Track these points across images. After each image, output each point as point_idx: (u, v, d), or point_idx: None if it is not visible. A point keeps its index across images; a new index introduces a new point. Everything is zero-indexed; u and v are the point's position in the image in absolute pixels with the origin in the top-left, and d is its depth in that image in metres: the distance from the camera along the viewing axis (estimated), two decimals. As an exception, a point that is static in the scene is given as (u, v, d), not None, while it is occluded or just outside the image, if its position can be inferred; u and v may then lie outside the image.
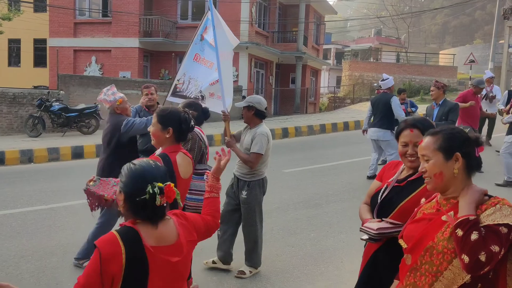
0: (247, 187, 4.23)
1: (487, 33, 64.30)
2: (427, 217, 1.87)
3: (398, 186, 2.36)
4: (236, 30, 19.19)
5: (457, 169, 1.78)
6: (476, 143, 1.82)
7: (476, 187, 1.79)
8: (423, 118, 2.53)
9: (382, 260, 2.35)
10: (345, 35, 57.23)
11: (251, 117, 4.15)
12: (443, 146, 1.80)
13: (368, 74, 28.35)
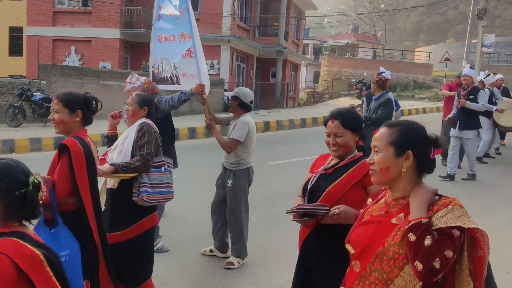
0: (233, 176, 4.32)
1: (460, 32, 65.84)
2: (376, 219, 1.76)
3: (325, 174, 2.44)
4: (218, 23, 19.27)
5: (406, 168, 1.68)
6: (433, 144, 1.72)
7: (427, 186, 1.70)
8: (348, 110, 2.56)
9: (310, 245, 2.42)
10: (322, 31, 57.72)
11: (235, 107, 4.31)
12: (396, 141, 1.70)
13: (346, 70, 28.78)
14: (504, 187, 7.68)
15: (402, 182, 1.72)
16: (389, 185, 1.76)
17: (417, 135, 1.72)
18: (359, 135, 2.49)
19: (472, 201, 6.77)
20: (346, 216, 2.21)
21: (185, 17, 4.51)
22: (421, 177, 1.73)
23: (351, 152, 2.46)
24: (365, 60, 31.00)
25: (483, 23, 23.33)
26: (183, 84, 4.70)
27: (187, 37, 4.54)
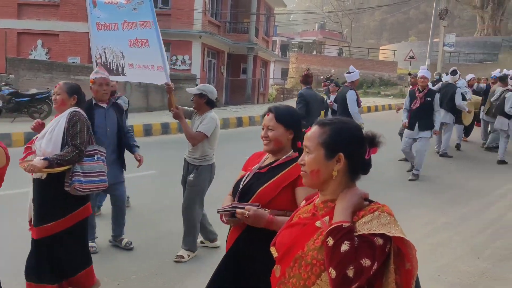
0: (196, 170, 4.31)
1: (421, 31, 67.76)
2: (302, 222, 1.65)
3: (259, 173, 2.34)
4: (190, 19, 19.22)
5: (337, 171, 1.56)
6: (369, 143, 1.59)
7: (357, 190, 1.58)
8: (287, 106, 2.47)
9: (241, 247, 2.29)
10: (289, 28, 58.19)
11: (202, 105, 4.28)
12: (327, 142, 1.58)
13: (314, 67, 29.17)
14: (467, 178, 8.13)
15: (332, 185, 1.60)
16: (320, 188, 1.64)
17: (349, 136, 1.59)
18: (294, 133, 2.35)
19: (440, 194, 7.19)
20: (256, 220, 2.11)
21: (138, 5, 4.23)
22: (354, 179, 1.61)
23: (285, 150, 2.36)
24: (332, 58, 31.59)
25: (444, 23, 24.23)
26: (129, 75, 4.56)
27: (134, 26, 4.32)
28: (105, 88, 4.29)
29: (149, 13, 4.16)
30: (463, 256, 4.75)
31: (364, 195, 1.57)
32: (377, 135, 1.60)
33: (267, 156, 2.43)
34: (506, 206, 6.62)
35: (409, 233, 4.63)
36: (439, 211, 6.27)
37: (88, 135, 3.42)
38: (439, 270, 4.37)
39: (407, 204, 6.50)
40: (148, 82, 4.56)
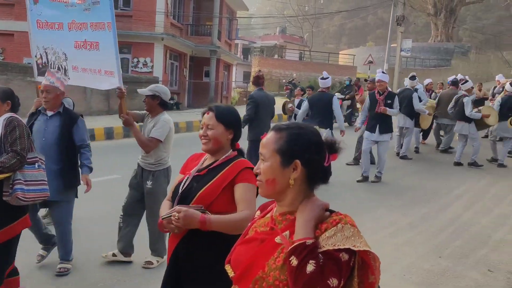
0: (152, 176, 4.14)
1: (379, 36, 69.73)
2: (259, 237, 1.52)
3: (198, 175, 2.28)
4: (152, 21, 18.98)
5: (293, 179, 1.46)
6: (329, 150, 1.49)
7: (318, 200, 1.48)
8: (228, 106, 2.44)
9: (181, 255, 2.22)
10: (250, 32, 58.48)
11: (155, 106, 4.10)
12: (283, 149, 1.47)
13: (276, 71, 29.52)
14: (426, 180, 8.44)
15: (290, 195, 1.49)
16: (277, 198, 1.53)
17: (307, 142, 1.47)
18: (233, 133, 2.31)
19: (402, 195, 7.43)
20: (188, 221, 2.05)
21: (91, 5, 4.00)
22: (313, 188, 1.51)
23: (224, 150, 2.32)
24: (294, 62, 31.98)
25: (401, 29, 25.04)
26: (72, 78, 4.24)
27: (84, 27, 4.07)
28: (44, 96, 3.91)
29: (107, 14, 3.93)
30: (426, 255, 4.93)
31: (325, 205, 1.47)
32: (336, 141, 1.52)
33: (206, 157, 2.37)
34: (463, 206, 6.91)
35: (374, 234, 4.79)
36: (401, 212, 6.48)
37: (28, 141, 3.24)
38: (404, 270, 4.51)
39: (370, 206, 6.69)
40: (92, 87, 4.27)
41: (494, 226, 6.07)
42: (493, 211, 6.74)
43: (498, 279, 4.43)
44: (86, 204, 5.90)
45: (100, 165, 7.91)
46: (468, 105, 9.34)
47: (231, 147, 2.35)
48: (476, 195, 7.59)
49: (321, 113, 7.67)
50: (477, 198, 7.40)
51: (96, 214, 5.65)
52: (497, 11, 64.01)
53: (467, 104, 9.36)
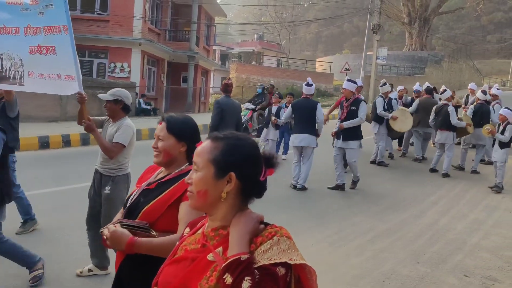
0: (112, 182, 3.99)
1: (354, 44, 70.88)
2: (190, 255, 1.42)
3: (147, 190, 2.14)
4: (129, 26, 18.81)
5: (226, 192, 1.38)
6: (266, 164, 1.43)
7: (252, 213, 1.41)
8: (183, 116, 2.26)
9: (125, 272, 2.09)
10: (227, 38, 58.61)
11: (117, 111, 3.98)
12: (218, 159, 1.39)
13: (254, 77, 29.59)
14: (404, 186, 8.59)
15: (222, 208, 1.40)
16: (207, 211, 1.45)
17: (244, 154, 1.40)
18: (187, 145, 2.14)
19: (380, 201, 7.53)
20: (115, 242, 1.92)
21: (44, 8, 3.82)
22: (247, 203, 1.44)
23: (177, 164, 2.16)
24: (272, 68, 32.13)
25: (377, 37, 25.47)
26: (28, 84, 4.06)
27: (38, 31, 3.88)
28: None
29: (62, 17, 3.74)
30: (404, 261, 5.01)
31: (260, 218, 1.40)
32: (274, 155, 1.45)
33: (161, 170, 2.23)
34: (439, 212, 7.05)
35: (352, 240, 4.86)
36: (379, 218, 6.56)
37: None
38: (384, 276, 4.57)
39: (349, 212, 6.76)
40: (51, 92, 4.08)
41: (469, 231, 6.21)
42: (468, 217, 6.90)
43: (474, 284, 4.53)
44: (63, 212, 5.81)
45: (78, 171, 7.85)
46: (454, 114, 9.42)
47: (187, 160, 2.16)
48: (452, 201, 7.76)
49: (304, 119, 7.75)
50: (452, 204, 7.56)
51: (72, 222, 5.53)
52: (468, 21, 65.93)
53: (452, 113, 9.40)
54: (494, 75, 53.55)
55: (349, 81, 8.06)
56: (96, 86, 16.11)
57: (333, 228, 5.98)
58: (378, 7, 24.42)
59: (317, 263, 4.79)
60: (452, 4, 50.36)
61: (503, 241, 5.92)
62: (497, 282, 4.61)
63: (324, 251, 5.16)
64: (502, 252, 5.48)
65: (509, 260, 5.25)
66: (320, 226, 6.00)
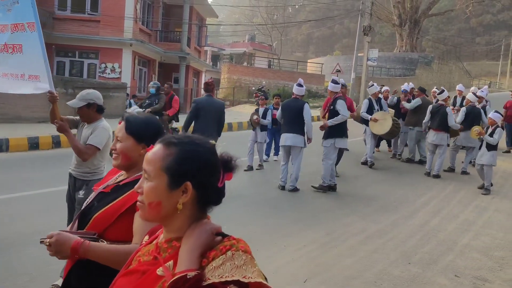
0: (86, 186, 3.82)
1: (345, 45, 71.24)
2: (142, 268, 1.31)
3: (103, 193, 1.96)
4: (120, 26, 18.74)
5: (182, 204, 1.25)
6: (224, 168, 1.30)
7: (207, 224, 1.27)
8: (146, 117, 2.10)
9: (74, 282, 1.90)
10: (219, 39, 58.57)
11: (93, 114, 3.78)
12: (172, 168, 1.25)
13: (246, 78, 29.59)
14: (394, 187, 8.63)
15: (177, 220, 1.28)
16: (161, 223, 1.33)
17: (201, 161, 1.27)
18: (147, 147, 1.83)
19: (371, 202, 7.57)
20: (59, 249, 1.70)
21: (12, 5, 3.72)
22: (205, 211, 1.32)
23: (138, 168, 1.93)
24: (263, 69, 32.14)
25: (368, 39, 25.59)
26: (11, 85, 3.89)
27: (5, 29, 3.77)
28: None
29: (29, 14, 3.60)
30: (396, 261, 5.03)
31: (216, 229, 1.26)
32: (233, 158, 1.33)
33: (123, 172, 2.05)
34: (430, 213, 7.10)
35: (345, 241, 4.86)
36: (371, 219, 6.59)
37: None
38: (376, 277, 4.58)
39: (341, 213, 6.78)
40: (14, 92, 3.90)
41: (460, 232, 6.26)
42: (459, 217, 6.95)
43: (464, 284, 4.56)
44: (42, 217, 5.71)
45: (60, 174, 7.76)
46: (451, 115, 9.45)
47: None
48: (442, 202, 7.81)
49: (291, 119, 7.78)
50: (443, 205, 7.61)
51: (53, 226, 5.47)
52: (457, 23, 66.56)
53: (450, 114, 9.42)
54: (483, 76, 54.18)
55: (332, 82, 8.09)
56: (87, 87, 15.97)
57: (325, 229, 5.99)
58: (369, 9, 24.55)
59: (309, 264, 4.81)
60: (442, 6, 50.87)
61: (493, 241, 5.97)
62: (487, 282, 4.65)
63: (316, 252, 5.17)
64: (492, 253, 5.53)
65: (499, 260, 5.30)
66: (312, 227, 6.01)
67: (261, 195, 7.52)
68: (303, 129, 7.74)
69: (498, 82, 52.06)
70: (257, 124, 9.44)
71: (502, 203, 7.99)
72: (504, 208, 7.68)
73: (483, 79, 50.12)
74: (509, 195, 8.56)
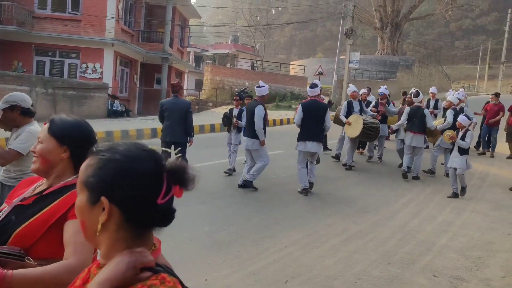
0: None
1: (327, 47, 71.84)
2: None
3: (21, 206, 1.74)
4: (102, 26, 18.55)
5: (102, 224, 1.07)
6: (172, 180, 1.09)
7: (136, 254, 1.06)
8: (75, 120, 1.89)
9: None
10: (201, 40, 58.44)
11: (17, 118, 3.43)
12: (89, 181, 1.09)
13: (229, 79, 29.56)
14: (375, 189, 8.74)
15: (104, 243, 1.10)
16: (93, 245, 1.18)
17: (117, 172, 1.07)
18: (69, 150, 1.80)
19: (352, 203, 7.65)
20: None
21: None
22: (145, 234, 1.11)
23: (59, 174, 1.80)
24: (246, 71, 32.17)
25: (350, 41, 25.86)
26: None
27: None
28: None
29: None
30: (376, 261, 5.10)
31: (144, 263, 1.05)
32: (184, 167, 1.10)
33: (41, 182, 1.85)
34: (410, 214, 7.21)
35: (326, 242, 4.93)
36: (352, 220, 6.66)
37: None
38: (356, 277, 4.64)
39: (323, 214, 6.83)
40: None
41: (438, 232, 6.37)
42: (437, 218, 7.08)
43: (442, 284, 4.65)
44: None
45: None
46: (430, 117, 9.47)
47: (75, 171, 1.79)
48: (422, 203, 7.94)
49: (249, 122, 7.93)
50: (422, 206, 7.74)
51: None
52: (437, 27, 67.71)
53: (429, 116, 9.44)
54: (462, 80, 55.16)
55: (311, 88, 8.04)
56: (67, 87, 15.82)
57: (306, 230, 6.04)
58: (351, 12, 24.80)
59: (291, 265, 4.84)
60: (422, 10, 51.68)
61: (470, 241, 6.10)
62: (464, 282, 4.75)
63: (298, 252, 5.21)
64: (469, 253, 5.65)
65: (476, 260, 5.41)
66: (293, 228, 6.05)
67: (242, 196, 7.53)
68: (254, 132, 7.79)
69: (476, 86, 53.11)
70: (235, 126, 9.27)
71: (479, 204, 8.16)
72: (481, 209, 7.85)
73: (462, 83, 51.03)
74: (485, 197, 8.74)
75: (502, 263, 5.39)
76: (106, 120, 16.14)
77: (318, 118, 7.80)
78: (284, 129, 16.93)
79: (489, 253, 5.70)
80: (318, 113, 7.80)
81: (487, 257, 5.54)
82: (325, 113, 7.82)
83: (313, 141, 7.77)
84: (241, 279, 4.45)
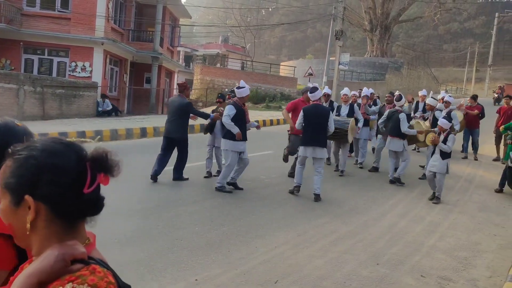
0: None
1: (317, 49, 72.10)
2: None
3: None
4: (91, 25, 18.43)
5: (30, 223, 1.05)
6: (96, 168, 1.08)
7: (65, 247, 1.04)
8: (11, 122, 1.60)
9: None
10: (192, 39, 58.28)
11: None
12: (9, 182, 1.07)
13: (219, 80, 29.54)
14: (364, 190, 8.81)
15: (36, 242, 1.07)
16: (24, 247, 1.14)
17: (34, 168, 1.04)
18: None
19: (341, 204, 7.70)
20: None
21: None
22: (75, 225, 1.09)
23: None
24: (237, 71, 32.16)
25: (340, 43, 25.98)
26: None
27: None
28: None
29: None
30: (365, 262, 5.15)
31: (74, 255, 1.03)
32: (107, 155, 1.09)
33: None
34: (399, 215, 7.29)
35: (316, 242, 4.96)
36: (342, 220, 6.71)
37: None
38: (345, 277, 4.69)
39: (313, 214, 6.88)
40: None
41: (426, 233, 6.46)
42: (425, 219, 7.16)
43: (430, 284, 4.72)
44: None
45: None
46: (405, 121, 9.23)
47: None
48: (410, 204, 8.02)
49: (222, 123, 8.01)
50: (410, 207, 7.82)
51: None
52: (426, 30, 68.39)
53: (403, 120, 9.22)
54: (450, 82, 55.73)
55: (312, 93, 7.86)
56: (56, 86, 15.69)
57: (297, 230, 6.07)
58: (341, 14, 24.92)
59: (281, 265, 4.87)
60: (411, 13, 52.14)
61: (457, 242, 6.19)
62: (451, 282, 4.82)
63: (288, 252, 5.24)
64: (456, 253, 5.73)
65: (463, 260, 5.49)
66: (283, 228, 6.09)
67: (232, 196, 7.55)
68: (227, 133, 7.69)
69: (464, 88, 53.69)
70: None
71: (466, 205, 8.27)
72: (468, 210, 7.96)
73: (450, 85, 51.60)
74: (472, 198, 8.87)
75: (488, 263, 5.48)
76: (96, 119, 16.05)
77: (321, 123, 7.63)
78: (274, 130, 16.97)
79: (475, 253, 5.79)
80: (321, 118, 7.64)
81: (474, 258, 5.63)
82: (328, 117, 7.66)
83: (314, 146, 7.63)
84: (232, 279, 4.47)
